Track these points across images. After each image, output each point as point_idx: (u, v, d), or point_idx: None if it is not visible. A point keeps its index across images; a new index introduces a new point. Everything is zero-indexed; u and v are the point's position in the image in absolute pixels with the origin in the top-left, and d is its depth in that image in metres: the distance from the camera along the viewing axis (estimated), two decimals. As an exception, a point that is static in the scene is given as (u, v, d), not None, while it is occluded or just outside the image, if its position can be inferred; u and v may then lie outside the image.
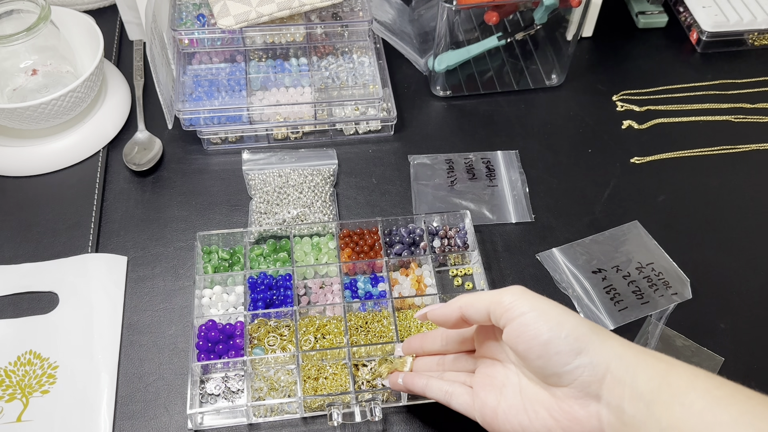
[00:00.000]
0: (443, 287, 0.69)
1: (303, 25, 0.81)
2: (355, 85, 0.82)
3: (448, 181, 0.76)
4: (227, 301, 0.66)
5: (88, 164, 0.77)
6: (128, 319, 0.65)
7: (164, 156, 0.78)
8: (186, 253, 0.70)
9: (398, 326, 0.63)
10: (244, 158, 0.76)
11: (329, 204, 0.73)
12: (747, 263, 0.71)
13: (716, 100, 0.87)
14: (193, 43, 0.80)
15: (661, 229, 0.73)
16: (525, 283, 0.68)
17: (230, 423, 0.59)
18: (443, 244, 0.71)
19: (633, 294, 0.67)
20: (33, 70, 0.77)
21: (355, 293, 0.67)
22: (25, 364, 0.61)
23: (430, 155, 0.79)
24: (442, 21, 0.77)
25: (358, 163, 0.78)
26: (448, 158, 0.79)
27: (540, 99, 0.86)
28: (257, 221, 0.71)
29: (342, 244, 0.69)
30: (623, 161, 0.80)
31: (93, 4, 0.92)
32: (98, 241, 0.71)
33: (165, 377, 0.62)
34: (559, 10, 0.82)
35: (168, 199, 0.75)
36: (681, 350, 0.64)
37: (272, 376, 0.61)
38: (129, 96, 0.82)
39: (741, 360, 0.64)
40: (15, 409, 0.59)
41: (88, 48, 0.79)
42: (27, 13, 0.75)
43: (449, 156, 0.79)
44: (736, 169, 0.80)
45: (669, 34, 0.95)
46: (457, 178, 0.77)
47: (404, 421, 0.60)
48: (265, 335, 0.63)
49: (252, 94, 0.79)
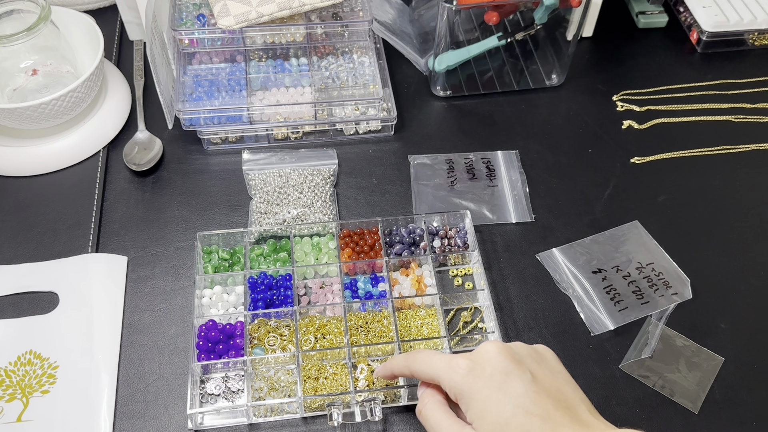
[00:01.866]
0: (443, 287, 0.69)
1: (303, 25, 0.81)
2: (355, 85, 0.81)
3: (449, 181, 0.76)
4: (227, 301, 0.66)
5: (88, 164, 0.77)
6: (128, 319, 0.65)
7: (164, 156, 0.78)
8: (186, 253, 0.70)
9: (398, 326, 0.63)
10: (244, 158, 0.76)
11: (329, 204, 0.73)
12: (747, 263, 0.71)
13: (716, 100, 0.87)
14: (193, 43, 0.80)
15: (661, 229, 0.73)
16: (525, 283, 0.69)
17: (230, 423, 0.59)
18: (443, 244, 0.71)
19: (633, 294, 0.67)
20: (33, 70, 0.77)
21: (355, 293, 0.67)
22: (25, 364, 0.61)
23: (430, 155, 0.79)
24: (442, 21, 0.77)
25: (358, 163, 0.78)
26: (448, 158, 0.78)
27: (540, 99, 0.86)
28: (257, 221, 0.71)
29: (342, 244, 0.69)
30: (623, 161, 0.80)
31: (93, 4, 0.92)
32: (98, 241, 0.71)
33: (165, 377, 0.62)
34: (559, 10, 0.82)
35: (168, 199, 0.75)
36: (681, 350, 0.64)
37: (272, 376, 0.61)
38: (129, 96, 0.82)
39: (741, 360, 0.64)
40: (15, 409, 0.59)
41: (88, 48, 0.79)
42: (27, 13, 0.75)
43: (449, 156, 0.79)
44: (736, 169, 0.80)
45: (669, 34, 0.95)
46: (457, 178, 0.77)
47: (404, 421, 0.60)
48: (265, 335, 0.63)
49: (252, 94, 0.79)
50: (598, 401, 0.61)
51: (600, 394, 0.62)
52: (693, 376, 0.62)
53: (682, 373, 0.62)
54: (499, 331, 0.63)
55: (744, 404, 0.62)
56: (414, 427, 0.59)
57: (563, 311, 0.67)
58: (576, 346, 0.65)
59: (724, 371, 0.63)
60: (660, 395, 0.62)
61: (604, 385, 0.62)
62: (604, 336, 0.65)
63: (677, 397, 0.61)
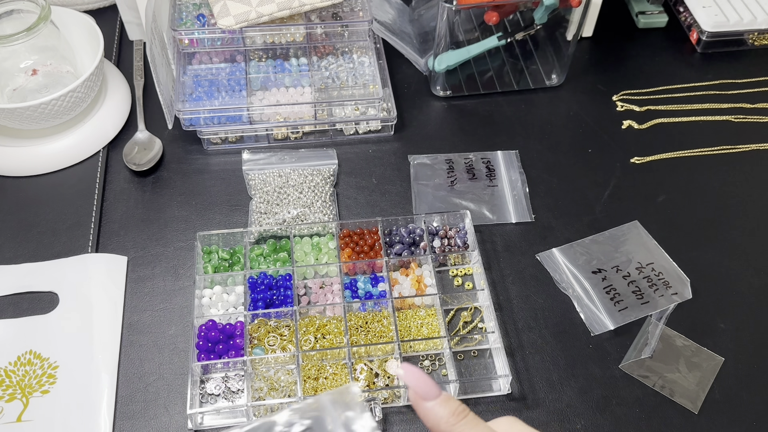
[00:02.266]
0: (443, 287, 0.69)
1: (303, 25, 0.81)
2: (355, 85, 0.81)
3: (448, 181, 0.76)
4: (227, 301, 0.66)
5: (88, 164, 0.77)
6: (128, 319, 0.65)
7: (164, 156, 0.78)
8: (186, 253, 0.70)
9: (398, 326, 0.63)
10: (244, 158, 0.76)
11: (329, 204, 0.73)
12: (747, 263, 0.71)
13: (716, 100, 0.87)
14: (193, 43, 0.80)
15: (661, 229, 0.73)
16: (525, 283, 0.69)
17: (230, 423, 0.59)
18: (443, 244, 0.71)
19: (633, 294, 0.67)
20: (33, 70, 0.77)
21: (355, 293, 0.67)
22: (25, 364, 0.61)
23: (430, 155, 0.79)
24: (442, 21, 0.77)
25: (358, 163, 0.78)
26: (448, 158, 0.78)
27: (540, 99, 0.86)
28: (257, 221, 0.71)
29: (342, 244, 0.69)
30: (623, 161, 0.80)
31: (93, 4, 0.92)
32: (98, 241, 0.71)
33: (165, 377, 0.62)
34: (559, 10, 0.82)
35: (168, 199, 0.75)
36: (681, 350, 0.64)
37: (272, 376, 0.61)
38: (129, 96, 0.82)
39: (741, 360, 0.64)
40: (15, 409, 0.59)
41: (88, 48, 0.79)
42: (27, 13, 0.75)
43: (449, 156, 0.79)
44: (736, 169, 0.80)
45: (669, 34, 0.95)
46: (457, 178, 0.77)
47: (404, 421, 0.60)
48: (265, 335, 0.63)
49: (252, 94, 0.79)
50: (598, 401, 0.61)
51: (600, 394, 0.62)
52: (693, 376, 0.62)
53: (681, 373, 0.62)
54: (499, 331, 0.63)
55: (744, 404, 0.62)
56: (414, 427, 0.59)
57: (563, 311, 0.67)
58: (576, 346, 0.65)
59: (724, 371, 0.63)
60: (660, 395, 0.62)
61: (604, 385, 0.62)
62: (604, 336, 0.65)
63: (677, 397, 0.61)
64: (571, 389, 0.62)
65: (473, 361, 0.64)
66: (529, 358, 0.64)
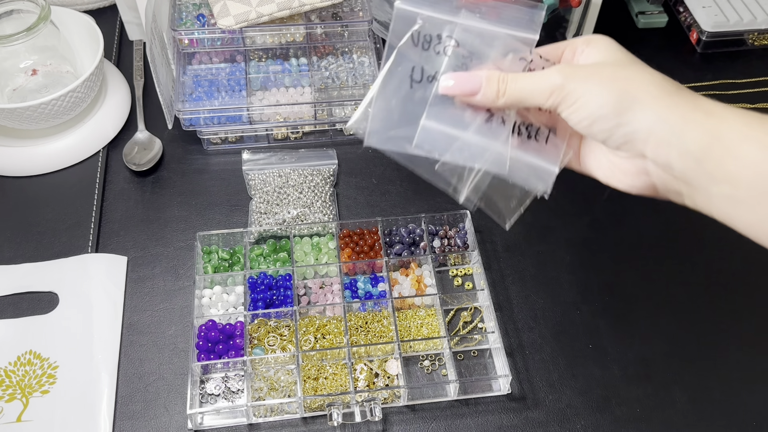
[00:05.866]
0: (443, 287, 0.69)
1: (303, 25, 0.81)
2: (355, 85, 0.81)
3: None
4: (227, 301, 0.66)
5: (88, 164, 0.77)
6: (128, 319, 0.65)
7: (164, 156, 0.78)
8: (186, 253, 0.70)
9: (398, 326, 0.63)
10: (244, 158, 0.76)
11: (329, 204, 0.73)
12: (747, 263, 0.71)
13: (716, 100, 0.87)
14: (193, 43, 0.80)
15: (661, 229, 0.73)
16: (525, 283, 0.69)
17: (230, 423, 0.59)
18: (443, 244, 0.71)
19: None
20: (33, 70, 0.77)
21: (355, 293, 0.67)
22: (25, 364, 0.61)
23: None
24: (442, 21, 0.77)
25: (358, 163, 0.78)
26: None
27: (540, 99, 0.86)
28: (257, 221, 0.71)
29: (342, 244, 0.69)
30: (623, 161, 0.80)
31: (93, 4, 0.92)
32: (98, 241, 0.71)
33: (165, 377, 0.62)
34: (559, 10, 0.82)
35: (168, 199, 0.75)
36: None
37: (272, 376, 0.61)
38: (129, 96, 0.82)
39: (741, 360, 0.64)
40: (15, 409, 0.59)
41: (88, 48, 0.79)
42: (27, 13, 0.75)
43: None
44: (736, 169, 0.80)
45: (669, 34, 0.95)
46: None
47: (404, 421, 0.60)
48: (265, 335, 0.63)
49: (252, 94, 0.79)
50: (598, 401, 0.61)
51: (600, 394, 0.62)
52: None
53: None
54: (499, 331, 0.63)
55: (743, 404, 0.62)
56: (414, 427, 0.59)
57: (563, 311, 0.67)
58: (576, 346, 0.65)
59: (725, 371, 0.63)
60: (660, 395, 0.62)
61: (604, 385, 0.62)
62: (604, 336, 0.65)
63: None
64: (571, 389, 0.62)
65: (473, 361, 0.64)
66: (529, 358, 0.64)
